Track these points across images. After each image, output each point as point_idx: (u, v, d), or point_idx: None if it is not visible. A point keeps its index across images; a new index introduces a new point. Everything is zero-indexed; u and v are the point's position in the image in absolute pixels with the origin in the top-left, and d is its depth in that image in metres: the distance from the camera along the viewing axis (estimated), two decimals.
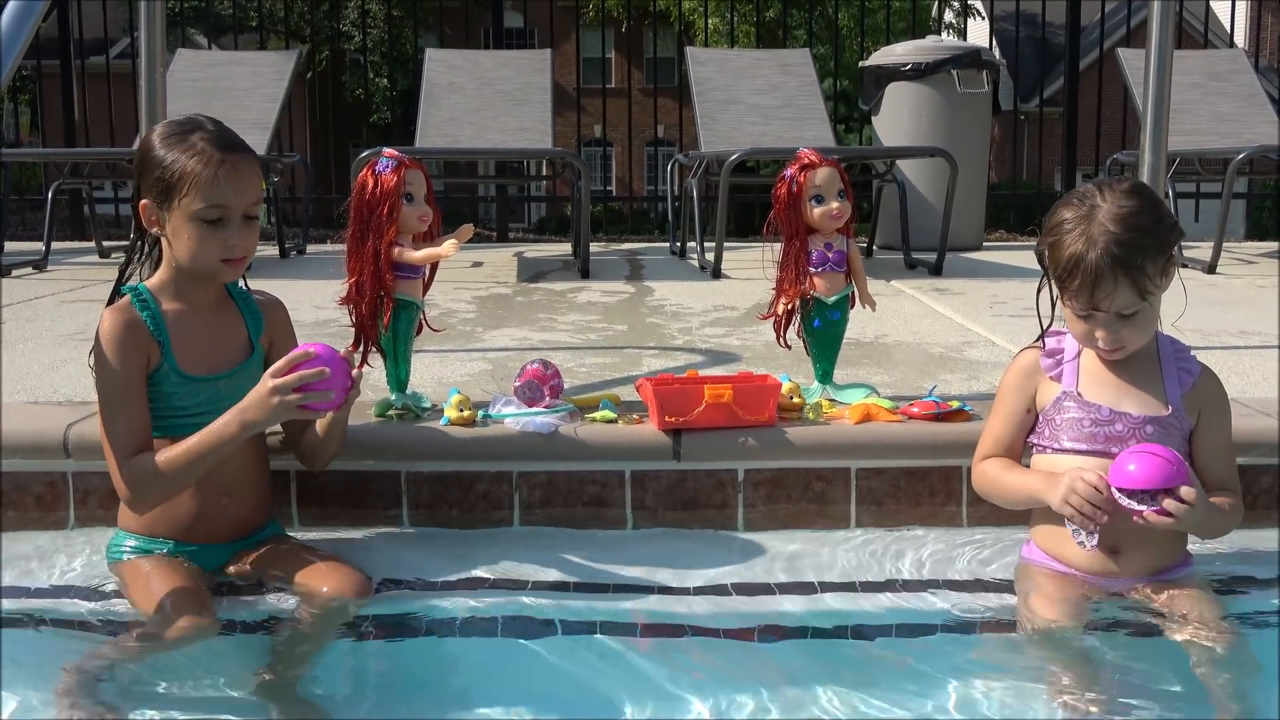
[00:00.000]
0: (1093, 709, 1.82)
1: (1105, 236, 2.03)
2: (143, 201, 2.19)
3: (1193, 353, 2.24)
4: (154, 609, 2.07)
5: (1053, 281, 2.16)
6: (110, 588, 2.24)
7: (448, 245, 2.50)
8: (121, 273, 2.31)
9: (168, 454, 2.12)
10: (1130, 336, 2.11)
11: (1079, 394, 2.18)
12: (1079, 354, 2.22)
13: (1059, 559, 2.21)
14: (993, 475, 2.28)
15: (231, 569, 2.28)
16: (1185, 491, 2.01)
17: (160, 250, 2.25)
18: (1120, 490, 2.03)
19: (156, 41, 3.61)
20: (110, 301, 2.24)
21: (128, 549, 2.23)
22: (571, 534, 2.53)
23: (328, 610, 2.12)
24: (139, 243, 2.30)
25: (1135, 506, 2.01)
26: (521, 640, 2.09)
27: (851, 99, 11.72)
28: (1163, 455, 2.03)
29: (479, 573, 2.32)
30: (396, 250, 2.51)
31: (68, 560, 2.38)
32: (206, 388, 2.21)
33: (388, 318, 2.55)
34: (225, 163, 2.14)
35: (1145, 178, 3.57)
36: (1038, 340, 2.30)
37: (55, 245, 6.53)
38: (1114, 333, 2.10)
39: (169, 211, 2.16)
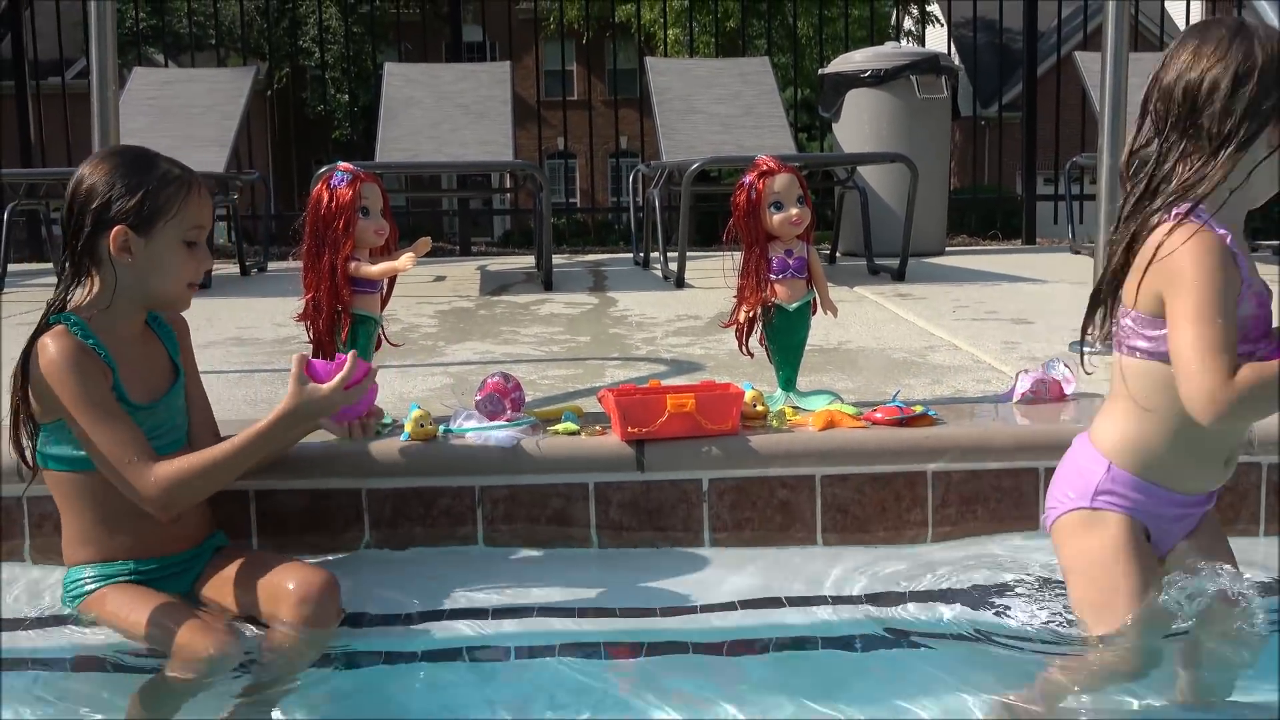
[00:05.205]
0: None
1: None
2: (116, 228, 2.08)
3: None
4: (157, 631, 2.04)
5: (1242, 123, 1.81)
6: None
7: (405, 259, 2.48)
8: (61, 302, 2.16)
9: (205, 456, 2.10)
10: None
11: (1250, 280, 1.84)
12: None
13: (1173, 488, 1.94)
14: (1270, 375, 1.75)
15: (202, 594, 2.23)
16: None
17: (91, 281, 2.14)
18: None
19: (108, 58, 3.56)
20: (39, 330, 2.11)
21: (88, 580, 2.16)
22: (533, 552, 2.51)
23: (296, 641, 2.06)
24: (74, 272, 2.15)
25: None
26: (488, 664, 2.07)
27: (813, 107, 11.76)
28: None
29: (446, 600, 2.28)
30: (353, 265, 2.49)
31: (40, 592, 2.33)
32: (148, 415, 2.17)
33: (345, 333, 2.52)
34: (198, 185, 2.17)
35: (1104, 179, 3.57)
36: (1184, 219, 1.83)
37: (12, 267, 6.46)
38: None
39: (148, 238, 2.10)
